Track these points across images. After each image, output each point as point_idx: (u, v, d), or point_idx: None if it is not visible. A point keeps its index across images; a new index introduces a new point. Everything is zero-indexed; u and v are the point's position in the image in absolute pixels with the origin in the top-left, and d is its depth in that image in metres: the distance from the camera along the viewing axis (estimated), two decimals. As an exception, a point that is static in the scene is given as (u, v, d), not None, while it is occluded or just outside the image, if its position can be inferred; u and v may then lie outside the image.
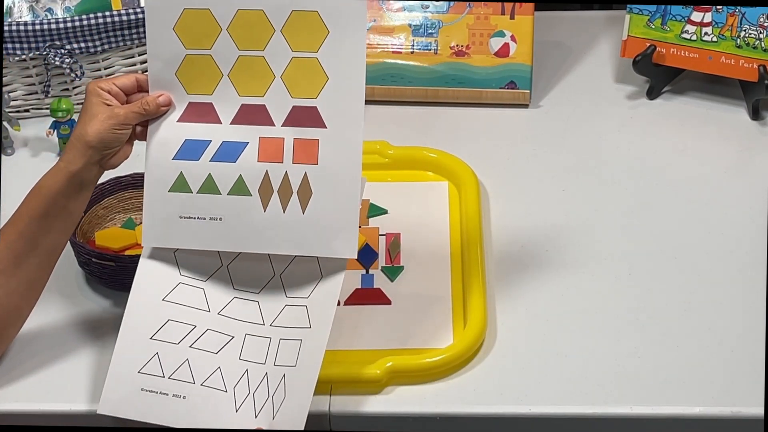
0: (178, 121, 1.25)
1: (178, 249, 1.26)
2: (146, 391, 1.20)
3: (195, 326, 1.23)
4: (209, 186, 1.24)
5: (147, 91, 1.26)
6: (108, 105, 1.23)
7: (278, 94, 1.24)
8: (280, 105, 1.24)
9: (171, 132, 1.25)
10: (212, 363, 1.21)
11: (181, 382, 1.21)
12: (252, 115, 1.24)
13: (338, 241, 1.22)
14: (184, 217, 1.25)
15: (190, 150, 1.25)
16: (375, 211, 1.49)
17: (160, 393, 1.20)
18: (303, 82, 1.23)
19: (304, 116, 1.23)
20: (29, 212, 1.23)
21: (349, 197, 1.22)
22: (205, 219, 1.24)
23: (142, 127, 1.26)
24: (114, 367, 1.22)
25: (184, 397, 1.20)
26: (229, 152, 1.24)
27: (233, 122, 1.25)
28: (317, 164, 1.22)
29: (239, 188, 1.24)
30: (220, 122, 1.25)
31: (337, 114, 1.22)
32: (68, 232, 1.26)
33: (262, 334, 1.22)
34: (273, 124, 1.24)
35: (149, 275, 1.26)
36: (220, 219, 1.24)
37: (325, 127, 1.22)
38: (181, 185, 1.25)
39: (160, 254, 1.26)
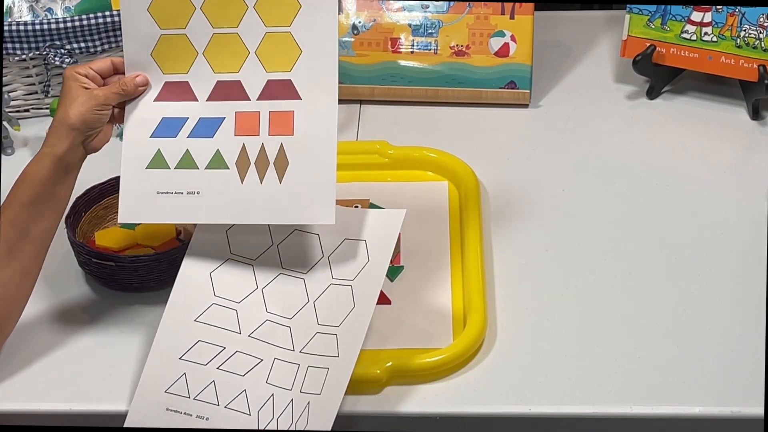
0: (155, 100, 1.27)
1: (214, 269, 1.27)
2: (171, 411, 1.21)
3: (224, 348, 1.23)
4: (187, 161, 1.26)
5: (123, 74, 1.28)
6: (86, 88, 1.24)
7: (253, 69, 1.26)
8: (255, 80, 1.26)
9: (148, 111, 1.27)
10: (238, 386, 1.21)
11: (205, 403, 1.20)
12: (228, 91, 1.26)
13: (316, 208, 1.23)
14: (162, 193, 1.26)
15: (168, 127, 1.27)
16: (375, 211, 1.49)
17: (185, 414, 1.20)
18: (277, 56, 1.25)
19: (279, 89, 1.25)
20: (18, 200, 1.23)
21: (325, 165, 1.23)
22: (182, 193, 1.25)
23: (119, 109, 1.28)
24: (142, 384, 1.22)
25: (207, 419, 1.20)
26: (206, 128, 1.26)
27: (209, 99, 1.27)
28: (293, 135, 1.24)
29: (217, 162, 1.25)
30: (196, 99, 1.27)
31: (311, 85, 1.24)
32: (57, 218, 1.27)
33: (291, 360, 1.22)
34: (248, 99, 1.26)
35: (184, 294, 1.26)
36: (198, 193, 1.25)
37: (300, 98, 1.25)
38: (158, 162, 1.26)
39: (196, 273, 1.27)
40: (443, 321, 1.33)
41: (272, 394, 1.20)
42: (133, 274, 1.35)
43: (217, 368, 1.22)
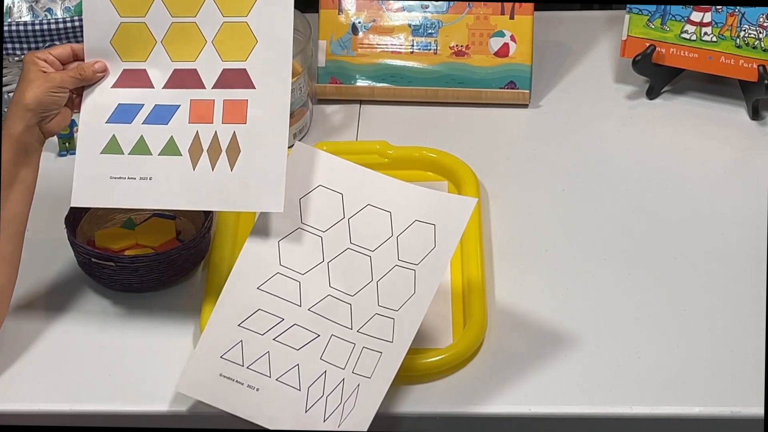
0: (113, 87, 1.29)
1: (283, 238, 1.26)
2: (224, 377, 1.21)
3: (283, 319, 1.23)
4: (141, 147, 1.27)
5: (83, 60, 1.29)
6: (44, 72, 1.26)
7: (209, 58, 1.28)
8: (211, 68, 1.28)
9: (105, 97, 1.29)
10: (292, 359, 1.21)
11: (257, 373, 1.21)
12: (184, 79, 1.29)
13: (265, 196, 1.24)
14: (115, 178, 1.27)
15: (123, 113, 1.29)
16: (375, 211, 1.49)
17: (236, 381, 1.21)
18: (233, 46, 1.27)
19: (234, 78, 1.27)
20: None
21: (276, 153, 1.25)
22: (135, 179, 1.27)
23: (77, 95, 1.29)
24: (200, 346, 1.22)
25: (257, 390, 1.20)
26: (161, 115, 1.28)
27: (166, 86, 1.29)
28: (246, 123, 1.26)
29: (170, 148, 1.27)
30: (152, 87, 1.29)
31: (265, 75, 1.27)
32: (27, 201, 1.27)
33: (348, 339, 1.21)
34: (204, 87, 1.28)
35: (250, 260, 1.26)
36: (150, 179, 1.27)
37: (254, 87, 1.27)
38: (113, 147, 1.28)
39: (263, 241, 1.26)
40: (443, 321, 1.32)
41: (325, 371, 1.20)
42: (133, 274, 1.35)
43: (274, 339, 1.22)
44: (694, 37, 1.65)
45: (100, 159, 1.27)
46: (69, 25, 1.61)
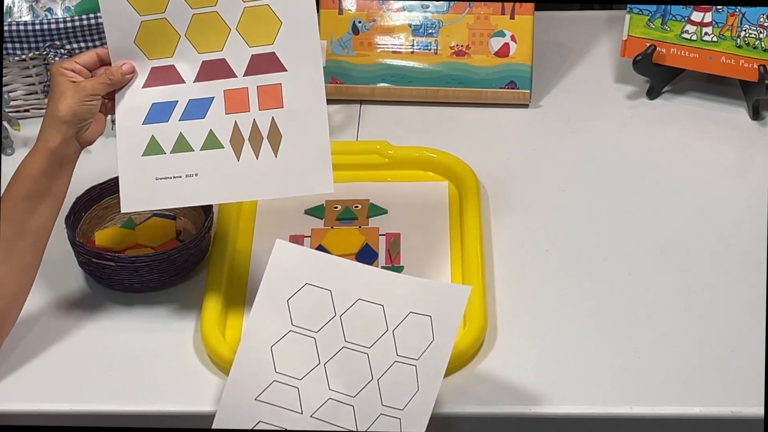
0: (143, 87, 1.28)
1: (275, 343, 1.18)
2: None
3: (285, 430, 1.16)
4: (182, 144, 1.26)
5: (110, 65, 1.28)
6: (74, 82, 1.25)
7: (236, 46, 1.27)
8: (239, 56, 1.27)
9: (137, 98, 1.28)
10: None
11: None
12: (214, 70, 1.27)
13: (313, 178, 1.24)
14: (161, 179, 1.26)
15: (159, 113, 1.27)
16: (375, 211, 1.49)
17: None
18: (258, 30, 1.26)
19: (264, 63, 1.26)
20: (12, 196, 1.23)
21: (318, 134, 1.24)
22: (181, 177, 1.26)
23: (110, 100, 1.28)
24: None
25: None
26: (197, 109, 1.27)
27: (197, 80, 1.28)
28: (283, 107, 1.25)
29: (211, 142, 1.26)
30: (183, 82, 1.28)
31: (295, 56, 1.25)
32: (54, 213, 1.27)
33: None
34: (235, 76, 1.27)
35: (244, 370, 1.18)
36: (196, 175, 1.26)
37: (286, 70, 1.25)
38: (153, 148, 1.27)
39: (256, 347, 1.19)
40: (443, 321, 1.32)
41: None
42: (133, 274, 1.35)
43: None
44: (694, 37, 1.65)
45: (143, 161, 1.26)
46: (69, 25, 1.61)
